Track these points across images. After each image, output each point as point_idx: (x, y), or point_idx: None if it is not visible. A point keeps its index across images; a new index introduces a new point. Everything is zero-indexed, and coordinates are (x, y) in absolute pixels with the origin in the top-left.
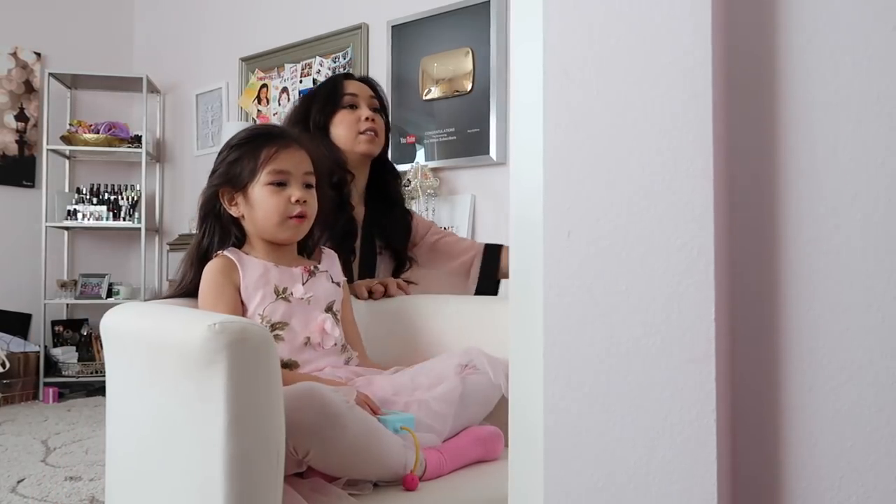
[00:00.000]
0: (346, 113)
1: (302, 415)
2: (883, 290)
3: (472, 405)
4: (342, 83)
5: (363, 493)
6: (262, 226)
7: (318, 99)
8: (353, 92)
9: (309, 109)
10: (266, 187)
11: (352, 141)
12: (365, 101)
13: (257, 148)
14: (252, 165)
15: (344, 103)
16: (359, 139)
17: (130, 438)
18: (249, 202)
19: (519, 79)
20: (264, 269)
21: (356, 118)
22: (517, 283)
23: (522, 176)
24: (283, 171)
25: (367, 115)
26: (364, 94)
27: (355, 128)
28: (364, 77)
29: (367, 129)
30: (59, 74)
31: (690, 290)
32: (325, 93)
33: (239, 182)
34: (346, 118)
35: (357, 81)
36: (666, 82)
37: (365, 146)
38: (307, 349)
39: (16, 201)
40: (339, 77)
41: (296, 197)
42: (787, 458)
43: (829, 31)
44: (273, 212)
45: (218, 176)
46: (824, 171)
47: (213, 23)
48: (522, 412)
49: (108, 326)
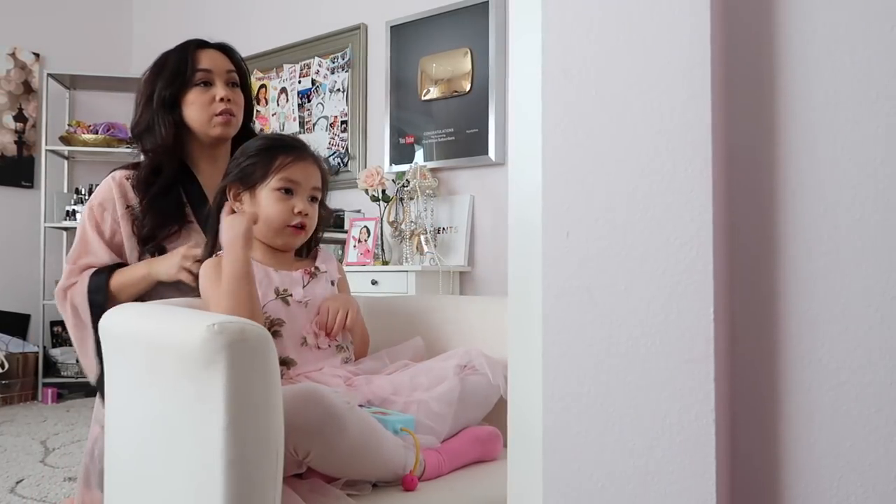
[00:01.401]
0: (198, 91)
1: (303, 416)
2: (882, 290)
3: (471, 406)
4: (194, 54)
5: (362, 493)
6: (262, 227)
7: (165, 73)
8: (207, 67)
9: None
10: (273, 192)
11: (206, 124)
12: (220, 76)
13: (274, 153)
14: (265, 168)
15: (196, 80)
16: (213, 121)
17: (129, 439)
18: (254, 202)
19: (518, 79)
20: (264, 274)
21: (210, 98)
22: (516, 284)
23: (521, 176)
24: (293, 180)
25: (223, 95)
26: (220, 69)
27: (209, 109)
28: (220, 44)
29: (222, 110)
30: (57, 75)
31: (689, 290)
32: (173, 66)
33: (249, 181)
34: (199, 98)
35: (212, 51)
36: (665, 82)
37: (220, 129)
38: (304, 349)
39: (14, 202)
40: (190, 45)
41: (299, 208)
42: (785, 458)
43: (827, 31)
44: (275, 216)
45: (230, 174)
46: (823, 170)
47: (212, 23)
48: (521, 412)
49: (107, 327)
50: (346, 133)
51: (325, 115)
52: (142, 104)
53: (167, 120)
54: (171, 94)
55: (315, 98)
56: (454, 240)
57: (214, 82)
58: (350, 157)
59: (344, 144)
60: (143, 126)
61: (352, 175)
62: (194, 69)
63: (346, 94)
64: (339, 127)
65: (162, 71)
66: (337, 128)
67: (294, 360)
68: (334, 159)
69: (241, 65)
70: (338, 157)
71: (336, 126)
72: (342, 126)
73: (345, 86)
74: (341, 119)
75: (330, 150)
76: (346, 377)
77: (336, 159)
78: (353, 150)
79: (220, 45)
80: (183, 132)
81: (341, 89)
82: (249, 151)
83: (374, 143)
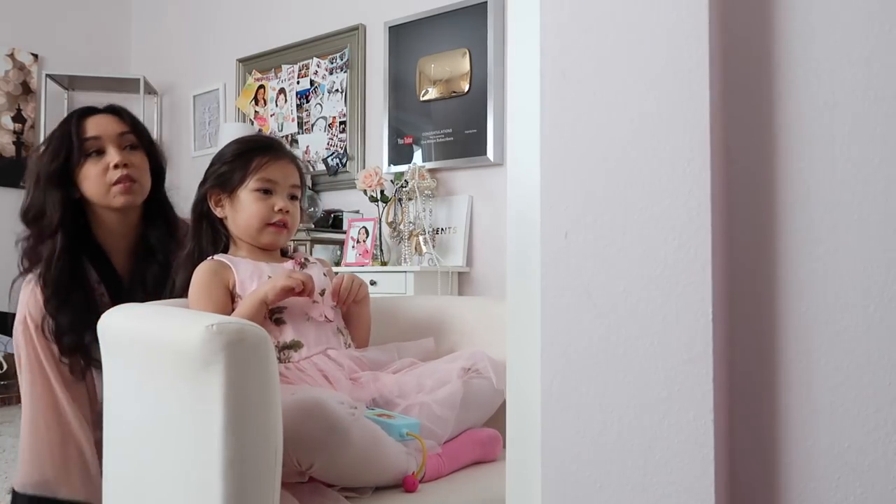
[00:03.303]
0: (91, 163)
1: (307, 429)
2: (880, 290)
3: (474, 409)
4: (80, 123)
5: (362, 495)
6: (244, 228)
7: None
8: (94, 134)
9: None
10: (252, 192)
11: (104, 195)
12: (112, 141)
13: (250, 155)
14: (242, 171)
15: (86, 150)
16: (112, 191)
17: (128, 440)
18: (234, 205)
19: (516, 79)
20: (255, 267)
21: (104, 167)
22: (515, 284)
23: (520, 177)
24: (271, 180)
25: (116, 161)
26: (110, 133)
27: (104, 179)
28: (110, 107)
29: (118, 178)
30: (56, 76)
31: (688, 290)
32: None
33: (228, 185)
34: (92, 169)
35: (100, 116)
36: (663, 83)
37: (121, 198)
38: (309, 325)
39: (12, 202)
40: (73, 115)
41: (279, 206)
42: (784, 458)
43: (825, 31)
44: (255, 216)
45: (208, 180)
46: (821, 171)
47: (211, 24)
48: (520, 413)
49: (105, 328)
50: (344, 134)
51: (324, 116)
52: (31, 187)
53: (55, 196)
54: (57, 169)
55: (313, 98)
56: (453, 240)
57: (106, 149)
58: (348, 157)
59: (342, 145)
60: (35, 210)
61: (350, 175)
62: (81, 139)
63: (344, 94)
64: (337, 127)
65: (46, 147)
66: (335, 128)
67: (300, 342)
68: (333, 160)
69: (137, 125)
70: (336, 157)
71: (334, 127)
72: (340, 127)
73: (343, 86)
74: (340, 120)
75: (328, 150)
76: (353, 369)
77: (334, 160)
78: (351, 151)
79: (110, 108)
80: (86, 209)
81: (340, 90)
82: (226, 157)
83: (373, 144)
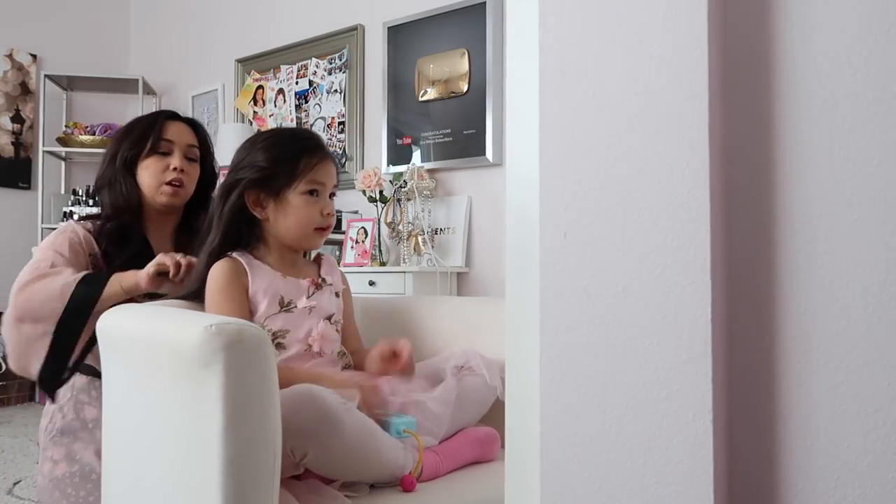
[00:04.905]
0: (155, 159)
1: (300, 417)
2: (879, 290)
3: (468, 407)
4: (163, 124)
5: (359, 494)
6: (292, 233)
7: (132, 136)
8: (170, 138)
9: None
10: (302, 196)
11: (154, 190)
12: (181, 148)
13: (296, 154)
14: (290, 173)
15: (158, 148)
16: (162, 189)
17: (128, 440)
18: (282, 207)
19: (515, 79)
20: (272, 280)
21: (164, 166)
22: (514, 284)
23: (519, 177)
24: (320, 181)
25: (177, 165)
26: (182, 142)
27: (160, 177)
28: (190, 119)
29: (171, 179)
30: (55, 76)
31: (687, 290)
32: (139, 131)
33: (272, 186)
34: (154, 164)
35: (180, 123)
36: (662, 83)
37: (166, 198)
38: (307, 356)
39: (11, 203)
40: (162, 115)
41: (327, 210)
42: (783, 458)
43: (824, 31)
44: (307, 221)
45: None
46: (820, 171)
47: (209, 24)
48: (519, 413)
49: (105, 328)
50: (343, 134)
51: (323, 116)
52: (107, 161)
53: (127, 180)
54: (132, 156)
55: (312, 99)
56: (452, 240)
57: (173, 153)
58: (347, 157)
59: (341, 145)
60: (105, 181)
61: (349, 176)
62: (158, 137)
63: (343, 94)
64: (336, 128)
65: (130, 132)
66: (334, 129)
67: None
68: None
69: (206, 142)
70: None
71: (333, 127)
72: (339, 127)
73: (342, 87)
74: (339, 120)
75: None
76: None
77: None
78: (350, 151)
79: (190, 120)
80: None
81: (339, 90)
82: (269, 156)
83: (372, 144)
